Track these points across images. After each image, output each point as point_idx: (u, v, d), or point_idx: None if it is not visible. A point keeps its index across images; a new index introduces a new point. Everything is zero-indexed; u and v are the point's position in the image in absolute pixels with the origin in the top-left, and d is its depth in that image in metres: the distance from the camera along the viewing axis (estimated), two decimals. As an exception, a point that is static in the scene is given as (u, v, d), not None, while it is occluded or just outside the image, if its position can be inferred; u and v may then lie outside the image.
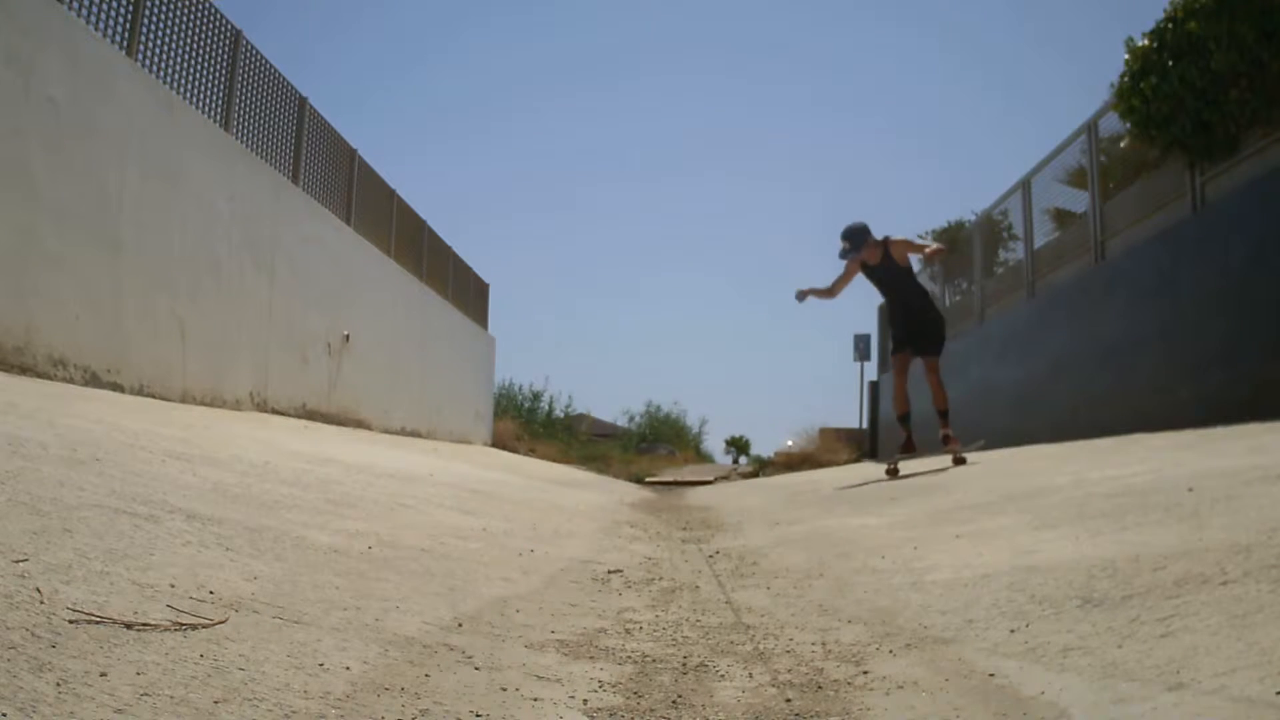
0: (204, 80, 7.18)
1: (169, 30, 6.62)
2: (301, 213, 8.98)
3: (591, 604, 2.48)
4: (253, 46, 7.96)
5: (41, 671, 1.14)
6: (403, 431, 11.70)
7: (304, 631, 1.61)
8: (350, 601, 1.92)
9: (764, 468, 17.36)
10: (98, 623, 1.35)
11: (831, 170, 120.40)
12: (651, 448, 34.08)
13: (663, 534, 4.71)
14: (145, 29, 6.30)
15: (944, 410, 6.84)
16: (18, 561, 1.51)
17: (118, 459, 2.73)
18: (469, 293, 16.79)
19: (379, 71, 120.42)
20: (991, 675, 1.62)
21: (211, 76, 7.31)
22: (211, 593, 1.69)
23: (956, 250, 13.65)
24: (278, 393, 8.23)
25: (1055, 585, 2.09)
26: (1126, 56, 7.38)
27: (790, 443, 18.44)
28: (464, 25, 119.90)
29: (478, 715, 1.38)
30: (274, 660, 1.41)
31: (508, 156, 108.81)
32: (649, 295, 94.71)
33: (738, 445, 48.87)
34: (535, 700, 1.51)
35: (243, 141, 7.82)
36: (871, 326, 18.42)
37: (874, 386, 17.46)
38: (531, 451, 16.94)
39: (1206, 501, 2.65)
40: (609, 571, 3.08)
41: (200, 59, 7.11)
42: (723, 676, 1.78)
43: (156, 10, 6.45)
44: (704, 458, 37.22)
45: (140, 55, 6.24)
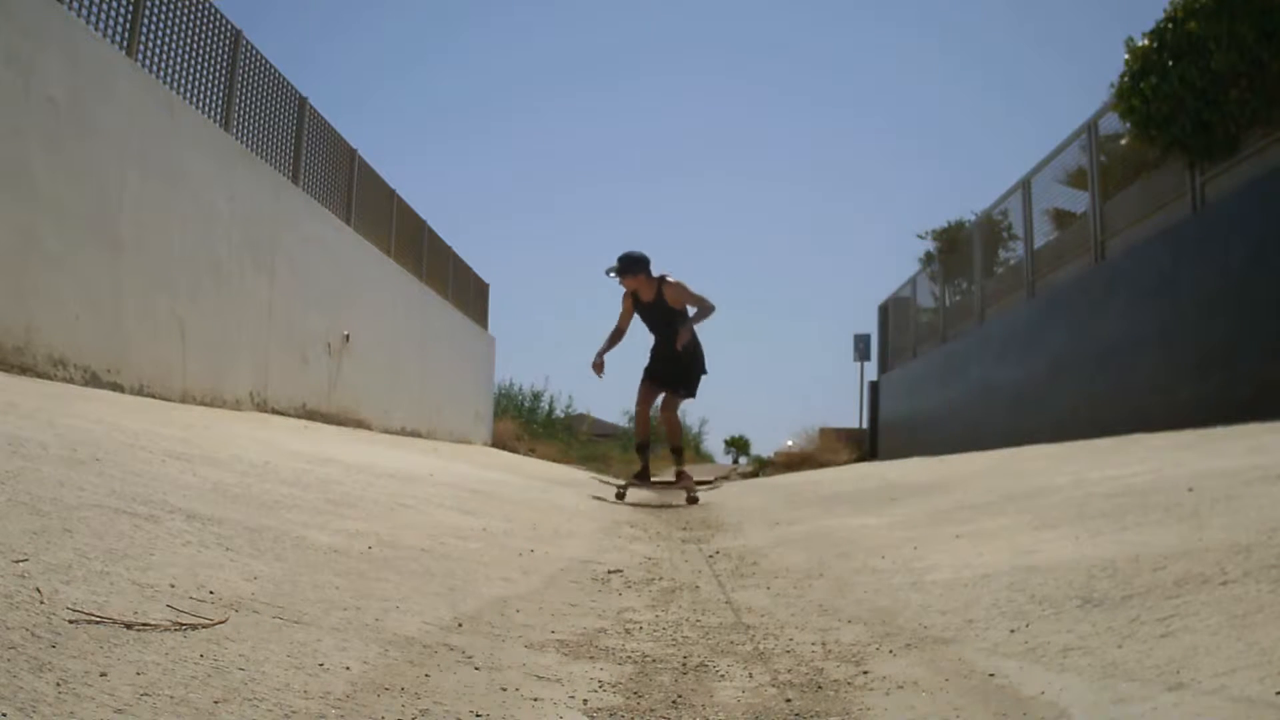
0: (204, 80, 7.17)
1: (169, 30, 6.62)
2: (301, 213, 8.98)
3: (591, 604, 2.48)
4: (253, 46, 7.97)
5: (41, 671, 1.14)
6: (403, 431, 11.70)
7: (304, 631, 1.61)
8: (350, 601, 1.92)
9: (764, 468, 17.37)
10: (98, 623, 1.35)
11: (832, 170, 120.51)
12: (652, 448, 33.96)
13: (663, 534, 4.71)
14: (145, 29, 6.30)
15: (678, 448, 7.38)
16: (18, 561, 1.51)
17: (118, 459, 2.73)
18: (469, 293, 16.78)
19: (379, 71, 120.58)
20: (991, 675, 1.62)
21: (211, 76, 7.30)
22: (211, 593, 1.69)
23: (956, 250, 13.67)
24: (278, 393, 8.23)
25: (1055, 585, 2.09)
26: (1126, 56, 7.38)
27: (790, 443, 18.43)
28: (464, 25, 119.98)
29: (478, 715, 1.38)
30: (274, 660, 1.41)
31: (508, 156, 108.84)
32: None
33: (738, 445, 48.76)
34: (535, 700, 1.51)
35: (243, 141, 7.81)
36: (871, 326, 18.46)
37: (874, 386, 17.48)
38: (531, 451, 16.93)
39: (1206, 501, 2.65)
40: (609, 571, 3.08)
41: (200, 59, 7.11)
42: (723, 676, 1.78)
43: (156, 10, 6.45)
44: (704, 457, 37.19)
45: (140, 55, 6.23)
